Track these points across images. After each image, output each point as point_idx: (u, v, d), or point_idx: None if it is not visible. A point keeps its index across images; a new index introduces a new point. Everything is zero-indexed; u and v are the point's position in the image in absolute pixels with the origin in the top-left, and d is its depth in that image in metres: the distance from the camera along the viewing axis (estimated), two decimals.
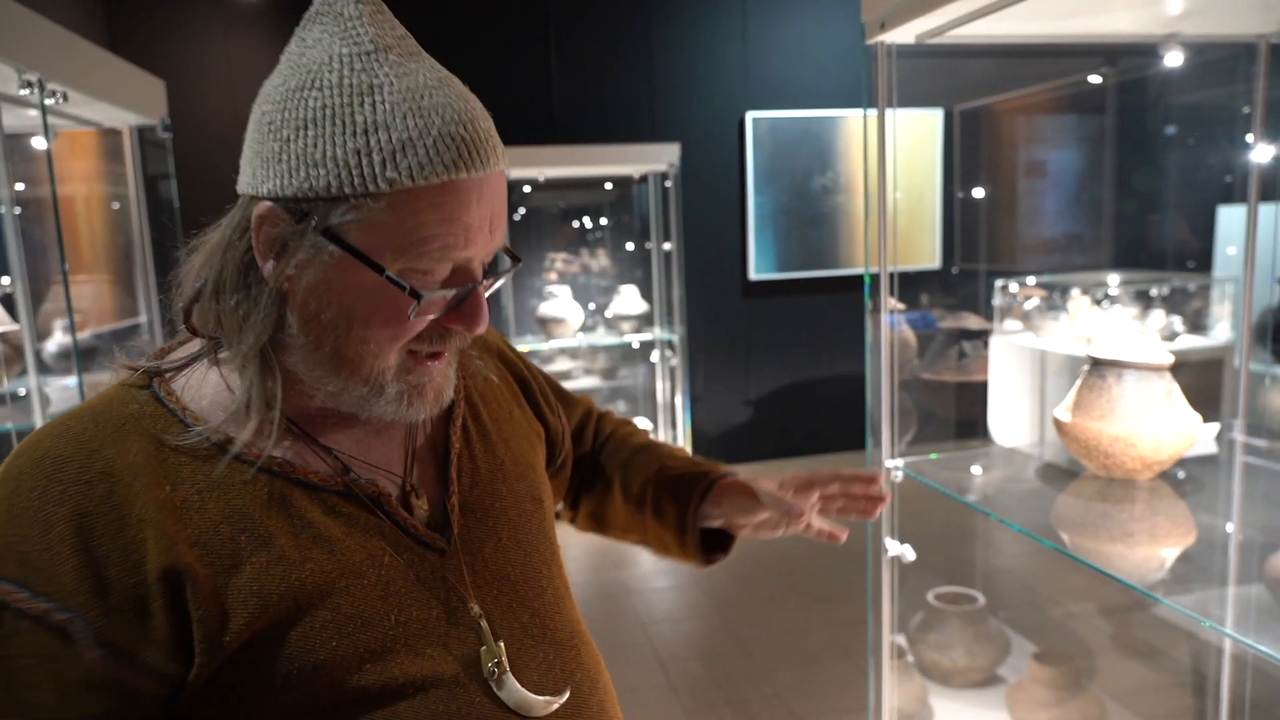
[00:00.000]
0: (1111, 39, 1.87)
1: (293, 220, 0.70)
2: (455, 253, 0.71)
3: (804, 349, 5.65)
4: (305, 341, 0.74)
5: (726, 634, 3.41)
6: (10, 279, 1.91)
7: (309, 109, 0.68)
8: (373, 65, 0.69)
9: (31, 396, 1.91)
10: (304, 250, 0.70)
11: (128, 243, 3.06)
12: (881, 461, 1.90)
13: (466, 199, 0.70)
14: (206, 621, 0.68)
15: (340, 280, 0.71)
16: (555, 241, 5.39)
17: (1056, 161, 5.55)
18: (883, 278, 1.85)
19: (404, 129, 0.68)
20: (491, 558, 0.84)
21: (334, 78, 0.69)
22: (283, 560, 0.71)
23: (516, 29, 5.06)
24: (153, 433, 0.72)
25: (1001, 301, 3.43)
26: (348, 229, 0.69)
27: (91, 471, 0.69)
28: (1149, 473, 1.64)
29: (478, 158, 0.70)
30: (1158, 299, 3.35)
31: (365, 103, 0.68)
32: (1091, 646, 3.11)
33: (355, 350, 0.73)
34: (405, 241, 0.69)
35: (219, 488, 0.72)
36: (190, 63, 4.62)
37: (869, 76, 1.79)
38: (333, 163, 0.67)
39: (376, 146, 0.67)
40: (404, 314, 0.71)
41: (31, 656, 0.66)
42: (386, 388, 0.75)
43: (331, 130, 0.67)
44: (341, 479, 0.77)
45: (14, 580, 0.66)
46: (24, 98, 1.78)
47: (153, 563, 0.68)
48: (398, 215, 0.68)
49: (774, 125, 5.33)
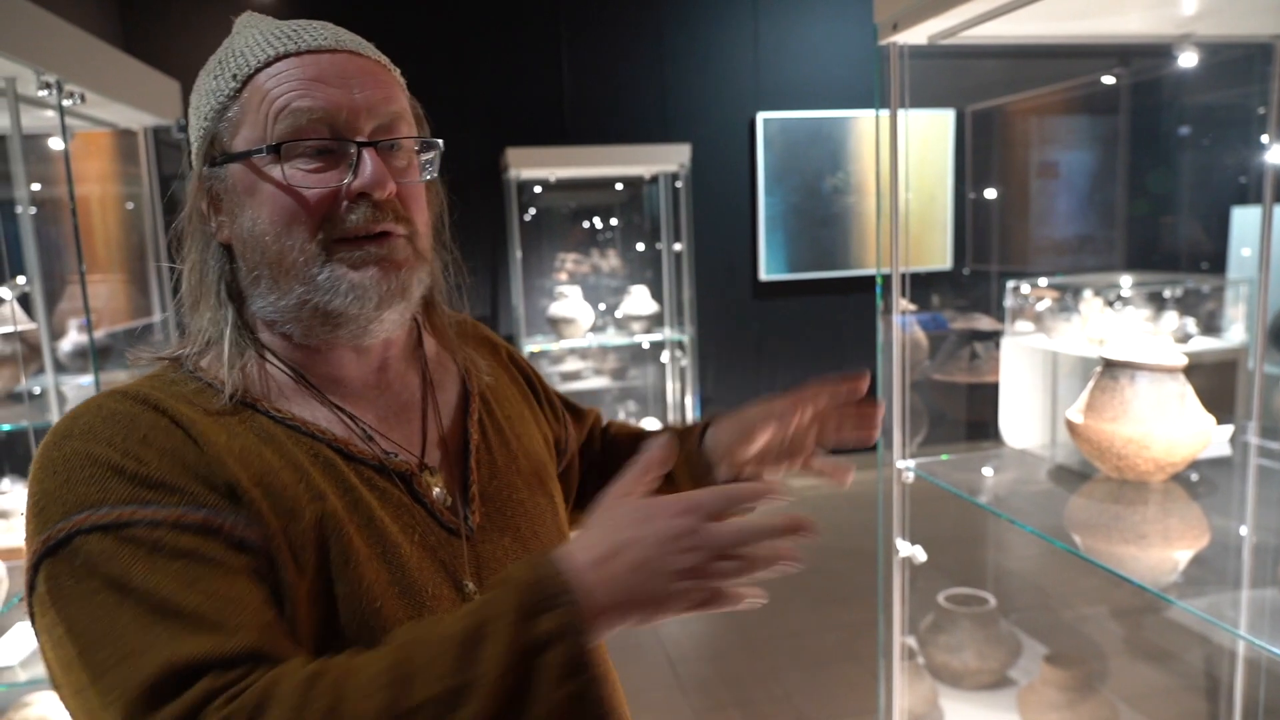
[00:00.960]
0: (1125, 40, 1.87)
1: (208, 168, 0.79)
2: (299, 103, 0.75)
3: (815, 350, 5.64)
4: (248, 271, 0.79)
5: (736, 635, 3.40)
6: (27, 278, 1.93)
7: (196, 85, 0.82)
8: (233, 39, 0.82)
9: (48, 394, 1.93)
10: (221, 190, 0.79)
11: (142, 242, 3.08)
12: (893, 463, 1.90)
13: (305, 65, 0.77)
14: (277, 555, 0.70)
15: (243, 191, 0.78)
16: (566, 242, 5.40)
17: (1069, 162, 5.52)
18: (894, 278, 1.85)
19: (241, 43, 0.80)
20: (510, 547, 0.85)
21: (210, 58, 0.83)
22: (335, 516, 0.73)
23: (528, 30, 5.07)
24: (198, 401, 0.76)
25: (1013, 302, 3.42)
26: (229, 141, 0.78)
27: (163, 421, 0.72)
28: (1162, 475, 1.64)
29: (306, 36, 0.78)
30: (1171, 300, 3.33)
31: (224, 52, 0.81)
32: (1104, 649, 3.10)
33: (275, 251, 0.77)
34: (263, 119, 0.76)
35: (273, 441, 0.75)
36: (204, 63, 4.64)
37: (881, 78, 1.79)
38: (206, 98, 0.79)
39: (224, 66, 0.79)
40: (296, 193, 0.76)
41: (184, 556, 0.65)
42: (319, 277, 0.77)
43: (204, 80, 0.81)
44: (376, 454, 0.79)
45: (129, 502, 0.66)
46: (42, 99, 1.79)
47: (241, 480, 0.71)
48: (254, 101, 0.77)
49: (785, 126, 5.33)
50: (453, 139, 0.85)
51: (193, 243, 0.82)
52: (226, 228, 0.80)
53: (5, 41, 1.63)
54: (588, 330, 4.96)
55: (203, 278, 0.80)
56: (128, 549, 0.65)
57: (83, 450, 0.69)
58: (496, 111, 5.00)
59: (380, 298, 0.78)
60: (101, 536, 0.65)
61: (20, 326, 2.03)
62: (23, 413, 2.10)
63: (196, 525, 0.67)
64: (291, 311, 0.78)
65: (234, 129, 0.77)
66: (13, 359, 2.02)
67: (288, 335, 0.81)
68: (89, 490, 0.67)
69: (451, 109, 4.88)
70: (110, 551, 0.64)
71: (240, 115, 0.77)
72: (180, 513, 0.67)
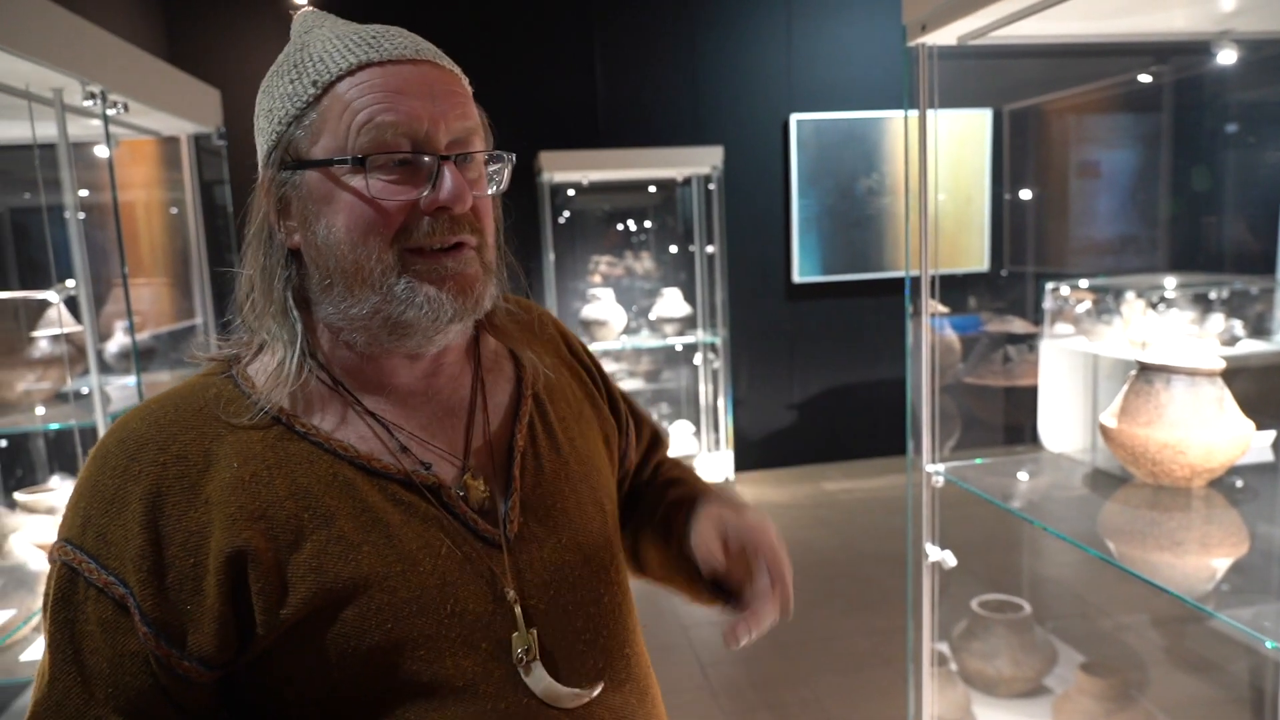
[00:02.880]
0: (1161, 38, 1.83)
1: (278, 171, 0.79)
2: (383, 117, 0.75)
3: (848, 352, 5.60)
4: (320, 279, 0.79)
5: (767, 638, 3.37)
6: (75, 281, 1.99)
7: (264, 85, 0.82)
8: (309, 37, 0.81)
9: (94, 395, 1.98)
10: (294, 196, 0.79)
11: (185, 247, 3.15)
12: (922, 467, 1.88)
13: (388, 75, 0.76)
14: (266, 594, 0.72)
15: (320, 198, 0.78)
16: (600, 244, 5.42)
17: (1110, 161, 5.42)
18: (924, 280, 1.83)
19: (319, 49, 0.78)
20: (550, 557, 0.83)
21: (279, 58, 0.82)
22: (342, 540, 0.74)
23: (561, 34, 5.11)
24: (225, 416, 0.78)
25: (1052, 305, 3.36)
26: (307, 147, 0.77)
27: (168, 454, 0.75)
28: (1199, 480, 1.61)
29: (386, 45, 0.77)
30: (1217, 302, 3.26)
31: (298, 54, 0.79)
32: (1143, 658, 3.03)
33: (352, 260, 0.77)
34: (344, 129, 0.76)
35: (286, 465, 0.76)
36: (246, 71, 4.74)
37: (910, 79, 1.78)
38: (281, 101, 0.78)
39: (302, 70, 0.78)
40: (376, 204, 0.76)
41: (96, 623, 0.72)
42: (396, 288, 0.77)
43: (277, 82, 0.80)
44: (403, 468, 0.79)
45: (89, 552, 0.73)
46: (88, 108, 1.85)
47: (215, 545, 0.72)
48: (335, 109, 0.76)
49: (818, 127, 5.30)
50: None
51: (258, 246, 0.81)
52: (296, 233, 0.79)
53: (53, 54, 1.68)
54: (620, 333, 4.97)
55: (269, 283, 0.80)
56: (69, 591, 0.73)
57: (93, 477, 0.76)
58: (530, 115, 5.04)
59: (455, 312, 0.78)
60: (61, 569, 0.74)
61: (67, 329, 2.09)
62: (70, 412, 2.16)
63: (117, 599, 0.72)
64: (361, 320, 0.78)
65: (312, 136, 0.77)
66: (60, 360, 2.08)
67: (348, 343, 0.81)
68: (78, 522, 0.75)
69: (485, 112, 4.92)
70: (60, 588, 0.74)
71: (320, 123, 0.76)
72: (110, 581, 0.72)
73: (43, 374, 2.10)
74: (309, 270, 0.80)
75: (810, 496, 5.07)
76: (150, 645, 0.71)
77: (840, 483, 5.28)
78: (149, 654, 0.71)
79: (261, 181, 0.80)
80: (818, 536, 4.42)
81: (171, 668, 0.72)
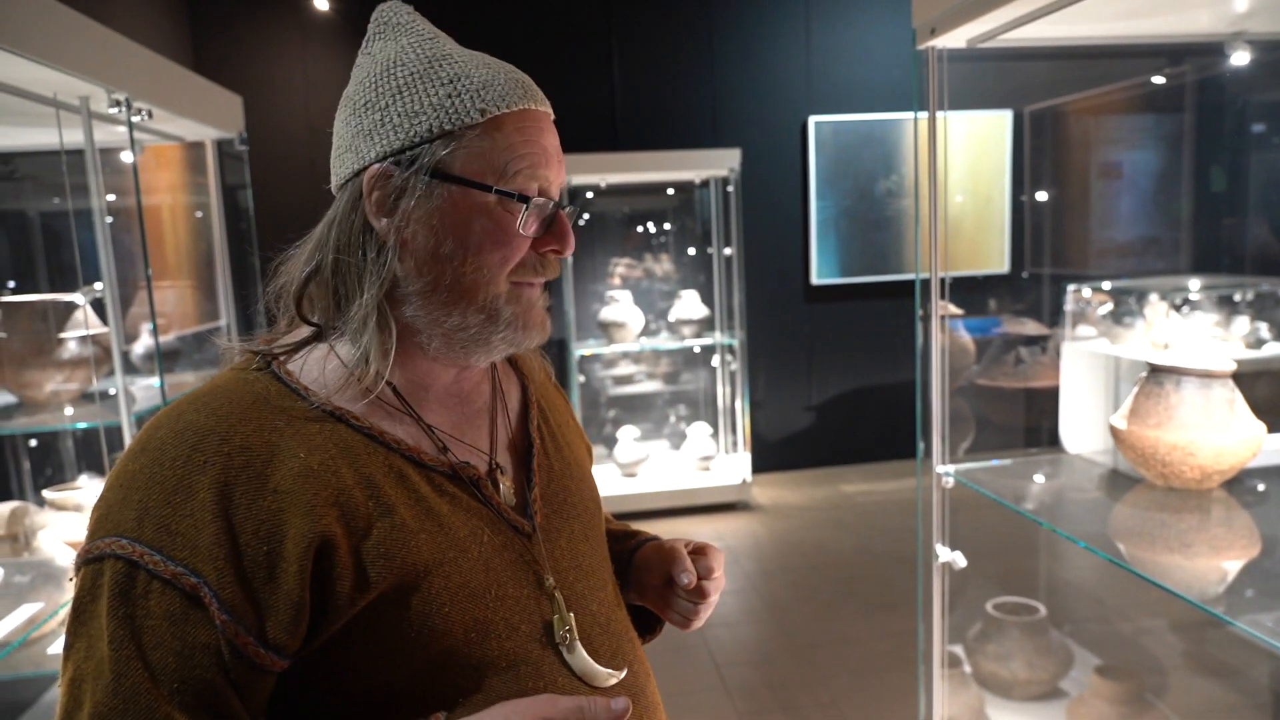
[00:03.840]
0: (1172, 39, 1.83)
1: (403, 171, 0.80)
2: (541, 170, 0.82)
3: (867, 355, 5.59)
4: (423, 284, 0.81)
5: (783, 640, 3.40)
6: (102, 284, 2.04)
7: (399, 80, 0.81)
8: (438, 43, 0.84)
9: (119, 395, 2.03)
10: (416, 196, 0.80)
11: (209, 250, 3.21)
12: (932, 468, 1.89)
13: (541, 125, 0.83)
14: (344, 580, 0.73)
15: (452, 213, 0.80)
16: (618, 247, 5.45)
17: (1132, 162, 5.37)
18: (934, 282, 1.84)
19: (481, 75, 0.81)
20: (568, 546, 0.90)
21: (411, 55, 0.83)
22: (403, 528, 0.77)
23: (579, 36, 5.14)
24: (282, 408, 0.78)
25: (1074, 307, 3.34)
26: (452, 163, 0.80)
27: (231, 444, 0.74)
28: (1209, 483, 1.60)
29: (539, 94, 0.85)
30: (1242, 304, 3.22)
31: (443, 64, 0.82)
32: (1161, 662, 3.01)
33: (471, 278, 0.81)
34: (501, 162, 0.80)
35: (349, 454, 0.78)
36: (269, 77, 4.82)
37: (919, 82, 1.78)
38: (431, 109, 0.80)
39: (464, 89, 0.80)
40: (511, 234, 0.81)
41: (160, 617, 0.70)
42: (501, 311, 0.83)
43: (424, 86, 0.80)
44: (448, 461, 0.83)
45: (150, 544, 0.71)
46: (113, 115, 1.89)
47: (293, 532, 0.72)
48: (492, 141, 0.80)
49: (837, 129, 5.29)
50: None
51: (345, 231, 0.82)
52: (401, 232, 0.80)
53: (79, 63, 1.73)
54: (639, 335, 4.99)
55: (361, 280, 0.81)
56: (128, 587, 0.71)
57: (147, 470, 0.74)
58: None
59: (535, 339, 0.86)
60: (116, 563, 0.71)
61: (93, 330, 2.15)
62: (96, 412, 2.21)
63: (187, 589, 0.70)
64: (451, 330, 0.82)
65: (462, 153, 0.79)
66: (86, 361, 2.13)
67: (420, 345, 0.84)
68: (132, 515, 0.72)
69: None
70: (116, 584, 0.71)
71: (474, 145, 0.79)
72: (179, 571, 0.70)
73: (70, 375, 2.16)
74: (406, 271, 0.81)
75: (828, 499, 5.06)
76: (229, 633, 0.70)
77: (858, 485, 5.27)
78: (221, 645, 0.70)
79: (376, 173, 0.80)
80: (835, 539, 4.42)
81: (248, 656, 0.71)
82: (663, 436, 5.56)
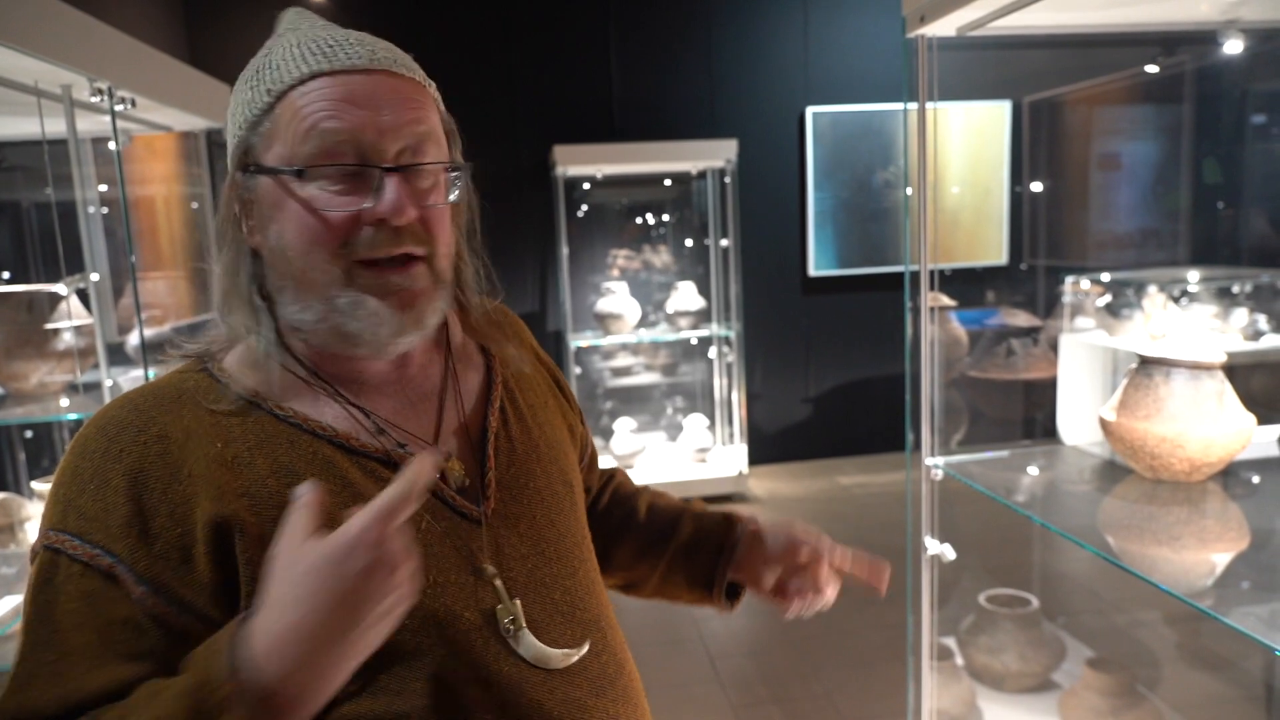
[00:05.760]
0: (1165, 27, 1.81)
1: (241, 176, 0.81)
2: (329, 123, 0.77)
3: (863, 346, 5.57)
4: (276, 281, 0.82)
5: (777, 631, 3.39)
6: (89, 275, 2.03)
7: (235, 88, 0.84)
8: (270, 44, 0.84)
9: (103, 387, 2.02)
10: (253, 199, 0.81)
11: (204, 241, 3.20)
12: (921, 460, 1.88)
13: (336, 85, 0.78)
14: (253, 565, 0.73)
15: (273, 207, 0.80)
16: (615, 238, 5.43)
17: (1132, 153, 5.34)
18: (923, 274, 1.82)
19: (278, 57, 0.81)
20: (526, 532, 0.88)
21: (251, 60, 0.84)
22: (324, 515, 0.76)
23: (576, 26, 5.11)
24: (205, 403, 0.80)
25: (1072, 298, 3.32)
26: (261, 154, 0.80)
27: (147, 434, 0.76)
28: (1198, 475, 1.59)
29: (340, 54, 0.79)
30: (1241, 296, 3.20)
31: (258, 63, 0.82)
32: (1154, 654, 3.01)
33: (302, 268, 0.80)
34: (295, 135, 0.78)
35: (267, 445, 0.79)
36: None
37: (909, 70, 1.77)
38: (241, 106, 0.81)
39: (260, 78, 0.80)
40: (314, 211, 0.78)
41: (79, 599, 0.72)
42: (338, 300, 0.79)
43: (241, 86, 0.83)
44: (382, 447, 0.82)
45: (71, 532, 0.74)
46: (95, 104, 1.88)
47: (201, 514, 0.74)
48: (285, 117, 0.78)
49: (835, 120, 5.27)
50: (501, 136, 0.88)
51: (226, 244, 0.84)
52: (257, 233, 0.82)
53: (59, 50, 1.71)
54: (635, 326, 4.98)
55: (235, 279, 0.83)
56: (51, 574, 0.73)
57: (72, 465, 0.77)
58: (545, 109, 5.05)
59: (397, 328, 0.81)
60: (45, 554, 0.74)
61: (78, 321, 2.13)
62: (82, 404, 2.20)
63: (103, 570, 0.72)
64: (311, 324, 0.81)
65: (267, 142, 0.79)
66: (70, 353, 2.12)
67: (310, 342, 0.84)
68: (59, 509, 0.75)
69: (500, 107, 4.95)
70: (42, 574, 0.74)
71: (273, 130, 0.79)
72: (95, 554, 0.72)
73: (55, 366, 2.14)
74: (268, 271, 0.83)
75: (824, 491, 5.05)
76: (148, 605, 0.72)
77: (854, 477, 5.26)
78: (140, 618, 0.72)
79: (228, 181, 0.83)
80: (831, 531, 4.39)
81: (167, 625, 0.72)
82: (659, 428, 5.55)
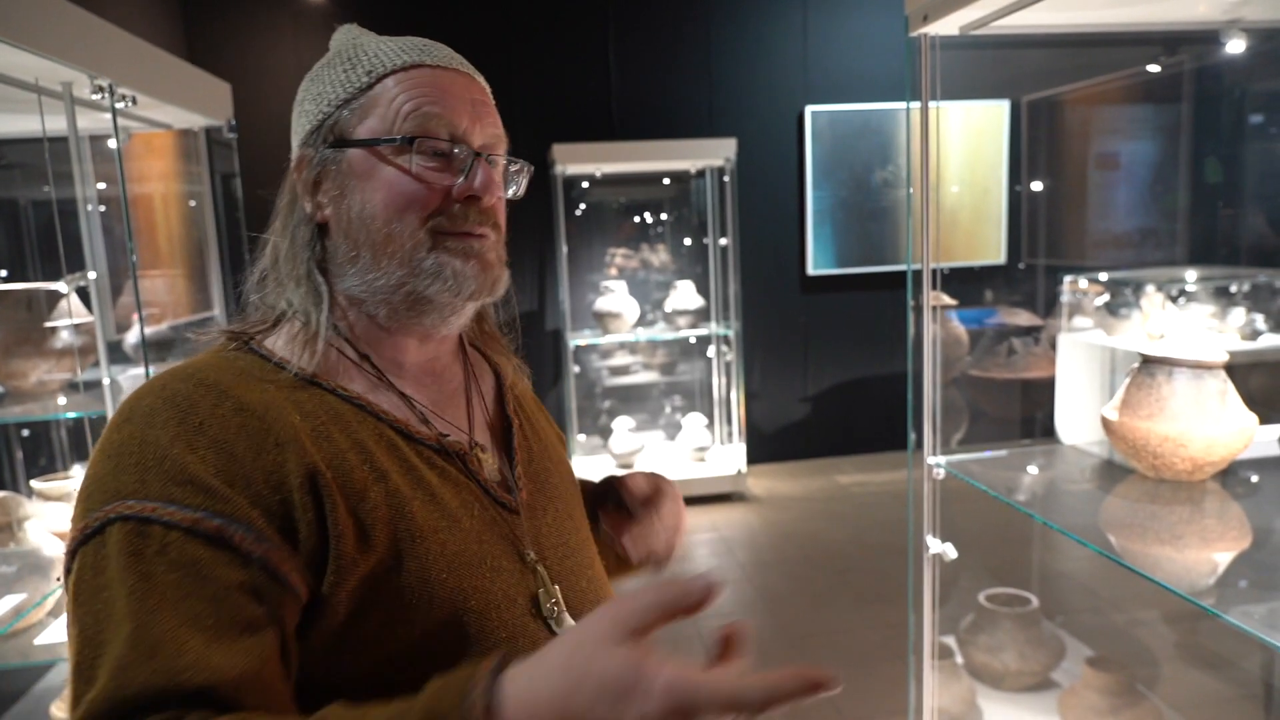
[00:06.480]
0: (1167, 27, 1.81)
1: (317, 150, 0.84)
2: (435, 112, 0.82)
3: (862, 345, 5.57)
4: (347, 251, 0.84)
5: (777, 631, 3.39)
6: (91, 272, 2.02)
7: (314, 74, 0.88)
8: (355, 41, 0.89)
9: (104, 385, 2.02)
10: (330, 171, 0.84)
11: (203, 238, 3.19)
12: (923, 459, 1.87)
13: (435, 76, 0.84)
14: (342, 538, 0.72)
15: (361, 177, 0.83)
16: (614, 237, 5.42)
17: (1131, 153, 5.35)
18: (925, 273, 1.82)
19: (373, 48, 0.86)
20: (553, 523, 0.91)
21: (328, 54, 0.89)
22: (398, 494, 0.78)
23: (575, 25, 5.11)
24: (268, 378, 0.79)
25: (1070, 298, 3.33)
26: (350, 129, 0.83)
27: (224, 407, 0.74)
28: (1200, 474, 1.59)
29: (435, 53, 0.86)
30: (1239, 295, 3.21)
31: (351, 49, 0.87)
32: (1154, 653, 3.01)
33: (383, 233, 0.82)
34: (393, 114, 0.82)
35: (340, 420, 0.79)
36: (263, 66, 4.79)
37: (911, 69, 1.77)
38: (331, 87, 0.85)
39: (358, 62, 0.85)
40: (409, 181, 0.82)
41: (185, 567, 0.66)
42: (424, 263, 0.82)
43: (329, 71, 0.86)
44: (433, 434, 0.84)
45: (159, 498, 0.68)
46: (95, 101, 1.87)
47: (295, 480, 0.72)
48: (383, 98, 0.83)
49: (834, 119, 5.27)
50: None
51: (286, 219, 0.86)
52: (327, 207, 0.84)
53: (60, 48, 1.71)
54: (634, 325, 4.98)
55: (295, 255, 0.85)
56: (140, 545, 0.67)
57: (138, 435, 0.71)
58: (543, 107, 5.05)
59: (476, 288, 0.84)
60: (123, 526, 0.67)
61: (78, 319, 2.13)
62: (82, 402, 2.20)
63: (210, 533, 0.67)
64: (384, 292, 0.83)
65: (358, 118, 0.83)
66: (69, 351, 2.12)
67: (371, 315, 0.85)
68: (131, 478, 0.69)
69: (499, 104, 4.93)
70: (126, 546, 0.67)
71: (368, 107, 0.83)
72: (198, 517, 0.67)
73: (55, 364, 2.14)
74: (335, 243, 0.85)
75: (823, 490, 5.06)
76: (273, 561, 0.68)
77: (853, 476, 5.26)
78: (257, 580, 0.68)
79: (298, 159, 0.85)
80: (830, 530, 4.42)
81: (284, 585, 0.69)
82: (658, 427, 5.55)
